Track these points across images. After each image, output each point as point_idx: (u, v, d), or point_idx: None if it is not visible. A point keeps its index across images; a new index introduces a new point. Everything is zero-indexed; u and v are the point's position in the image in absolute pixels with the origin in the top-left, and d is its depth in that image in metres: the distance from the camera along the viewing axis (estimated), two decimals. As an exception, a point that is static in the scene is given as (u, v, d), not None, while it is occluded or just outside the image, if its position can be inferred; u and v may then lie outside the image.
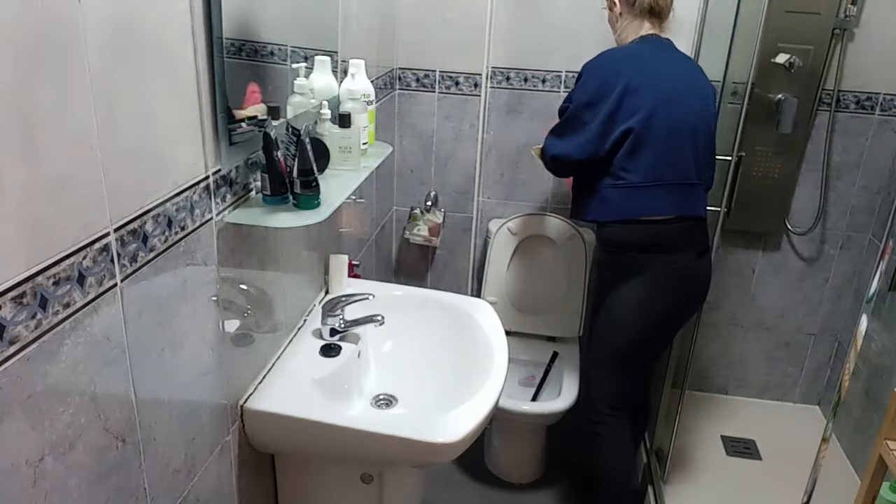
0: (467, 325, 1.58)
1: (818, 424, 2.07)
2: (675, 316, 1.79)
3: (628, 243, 1.70)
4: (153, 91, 0.87)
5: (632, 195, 1.65)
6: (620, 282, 1.73)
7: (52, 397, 0.74)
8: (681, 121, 1.64)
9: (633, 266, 1.70)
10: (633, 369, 1.83)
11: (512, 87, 2.27)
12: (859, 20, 2.11)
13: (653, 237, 1.68)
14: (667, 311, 1.75)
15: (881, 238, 2.26)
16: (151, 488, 0.96)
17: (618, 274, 1.74)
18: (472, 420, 1.22)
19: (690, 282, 1.75)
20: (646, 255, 1.69)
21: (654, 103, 1.60)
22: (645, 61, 1.68)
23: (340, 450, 1.27)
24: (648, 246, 1.68)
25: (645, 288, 1.70)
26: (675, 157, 1.65)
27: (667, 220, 1.66)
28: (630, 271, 1.71)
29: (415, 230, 2.31)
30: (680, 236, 1.69)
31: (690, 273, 1.73)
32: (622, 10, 1.76)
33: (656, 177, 1.63)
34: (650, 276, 1.70)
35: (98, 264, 0.79)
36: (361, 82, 1.46)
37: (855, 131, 2.24)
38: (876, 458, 1.43)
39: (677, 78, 1.68)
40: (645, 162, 1.62)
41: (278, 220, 1.14)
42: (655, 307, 1.73)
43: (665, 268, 1.69)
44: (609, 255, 1.76)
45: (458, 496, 2.17)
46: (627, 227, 1.69)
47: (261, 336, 1.32)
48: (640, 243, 1.69)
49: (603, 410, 1.81)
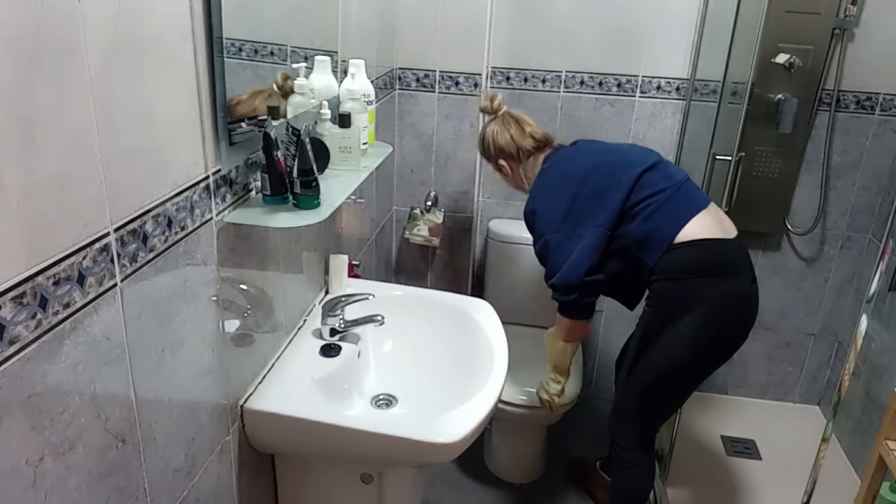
0: (467, 325, 1.58)
1: (818, 424, 2.07)
2: (731, 346, 1.64)
3: (685, 267, 1.55)
4: (153, 91, 0.87)
5: (663, 210, 1.58)
6: (675, 313, 1.57)
7: (52, 397, 0.74)
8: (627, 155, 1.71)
9: (691, 294, 1.55)
10: (674, 405, 1.78)
11: (512, 87, 2.27)
12: (859, 20, 2.11)
13: (713, 257, 1.56)
14: (724, 341, 1.61)
15: (881, 238, 2.26)
16: (151, 488, 0.96)
17: (674, 304, 1.58)
18: (472, 420, 1.22)
19: (748, 308, 1.61)
20: (707, 280, 1.55)
21: (604, 160, 1.67)
22: (570, 156, 1.75)
23: (340, 450, 1.27)
24: (709, 268, 1.56)
25: (704, 317, 1.55)
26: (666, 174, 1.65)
27: (723, 240, 1.56)
28: (687, 300, 1.56)
29: (415, 230, 2.31)
30: (738, 257, 1.59)
31: (750, 299, 1.60)
32: (513, 165, 1.80)
33: (670, 180, 1.62)
34: (710, 302, 1.54)
35: (98, 264, 0.79)
36: (361, 82, 1.46)
37: (855, 131, 2.24)
38: (876, 458, 1.43)
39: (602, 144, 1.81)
40: (651, 180, 1.61)
41: (278, 220, 1.14)
42: (713, 337, 1.58)
43: (725, 292, 1.55)
44: (665, 284, 1.58)
45: (458, 496, 2.17)
46: (680, 251, 1.55)
47: (261, 336, 1.32)
48: (700, 264, 1.56)
49: (634, 440, 1.73)
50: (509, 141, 1.77)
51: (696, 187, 1.70)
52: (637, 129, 2.28)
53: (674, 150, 2.29)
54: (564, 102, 2.27)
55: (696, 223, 1.56)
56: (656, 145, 2.29)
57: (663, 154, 1.74)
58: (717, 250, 1.56)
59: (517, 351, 2.21)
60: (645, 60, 2.19)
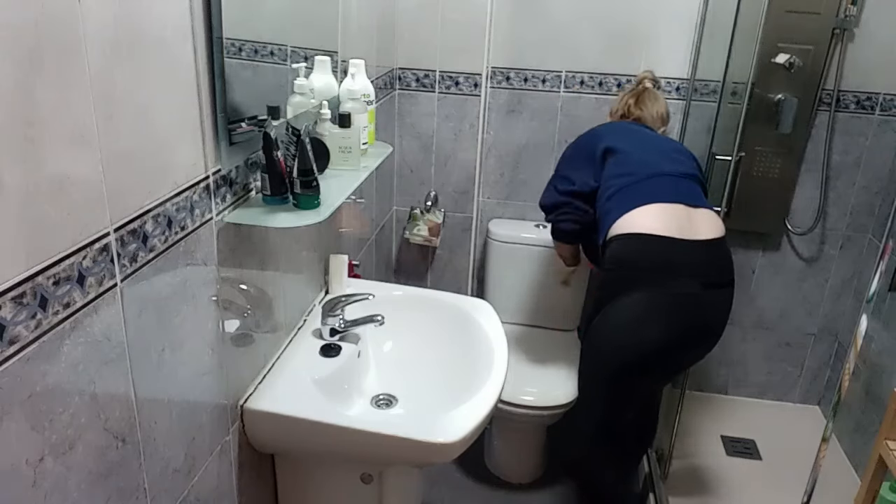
0: (467, 325, 1.58)
1: (818, 424, 2.07)
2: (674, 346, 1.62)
3: (628, 260, 1.58)
4: (153, 91, 0.87)
5: (628, 192, 1.62)
6: (620, 293, 1.61)
7: (52, 397, 0.74)
8: (648, 140, 1.80)
9: (636, 281, 1.58)
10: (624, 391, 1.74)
11: (512, 87, 2.27)
12: (859, 20, 2.11)
13: (656, 255, 1.56)
14: (660, 336, 1.59)
15: (881, 238, 2.26)
16: (151, 488, 0.96)
17: (612, 289, 1.63)
18: (472, 420, 1.22)
19: (686, 313, 1.59)
20: (649, 275, 1.57)
21: (627, 141, 1.77)
22: (609, 130, 1.86)
23: (340, 450, 1.27)
24: (652, 265, 1.57)
25: (641, 307, 1.58)
26: (658, 155, 1.71)
27: (669, 238, 1.55)
28: (631, 287, 1.59)
29: (415, 230, 2.31)
30: (687, 258, 1.57)
31: (691, 303, 1.58)
32: None
33: (648, 168, 1.65)
34: (646, 296, 1.57)
35: (98, 264, 0.79)
36: (361, 82, 1.46)
37: (855, 131, 2.24)
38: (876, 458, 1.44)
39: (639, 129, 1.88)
40: (631, 160, 1.67)
41: (278, 220, 1.14)
42: (649, 329, 1.58)
43: (660, 291, 1.57)
44: (607, 272, 1.64)
45: (458, 496, 2.17)
46: (629, 241, 1.58)
47: (261, 336, 1.32)
48: (633, 259, 1.58)
49: (593, 428, 1.77)
50: (618, 103, 1.98)
51: (683, 186, 1.66)
52: (637, 129, 2.28)
53: (674, 150, 2.29)
54: (564, 102, 2.27)
55: (646, 215, 1.58)
56: (656, 145, 2.29)
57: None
58: (655, 247, 1.56)
59: (517, 351, 2.23)
60: (645, 60, 2.19)
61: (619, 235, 1.59)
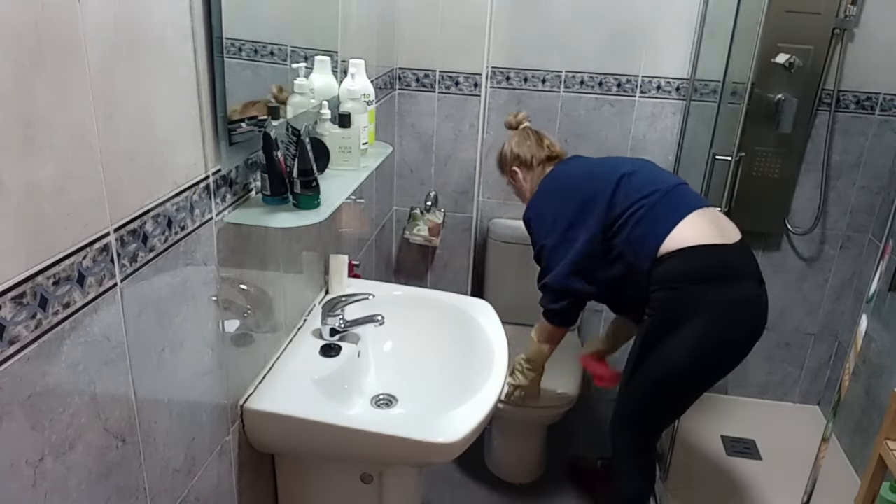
0: (467, 325, 1.58)
1: (818, 424, 2.07)
2: (738, 352, 1.64)
3: (681, 275, 1.54)
4: (153, 91, 0.87)
5: (661, 209, 1.59)
6: (675, 322, 1.56)
7: (52, 397, 0.74)
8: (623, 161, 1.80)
9: (689, 302, 1.54)
10: (674, 413, 1.78)
11: (512, 87, 2.28)
12: (859, 20, 2.11)
13: (718, 264, 1.54)
14: (729, 347, 1.60)
15: (881, 238, 2.26)
16: (151, 488, 0.96)
17: (672, 313, 1.57)
18: (472, 420, 1.22)
19: (754, 313, 1.60)
20: (705, 287, 1.54)
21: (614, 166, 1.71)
22: (565, 167, 1.83)
23: (340, 450, 1.27)
24: (718, 274, 1.55)
25: (706, 325, 1.54)
26: (649, 170, 1.71)
27: (720, 245, 1.54)
28: (685, 308, 1.54)
29: (415, 230, 2.31)
30: (740, 261, 1.57)
31: (756, 303, 1.59)
32: (524, 173, 1.88)
33: (661, 182, 1.64)
34: (711, 309, 1.54)
35: (98, 264, 0.79)
36: (361, 82, 1.46)
37: (855, 131, 2.24)
38: (876, 458, 1.44)
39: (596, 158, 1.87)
40: (641, 179, 1.65)
41: (278, 220, 1.13)
42: (716, 344, 1.57)
43: (727, 299, 1.54)
44: (662, 294, 1.57)
45: (458, 496, 2.17)
46: (686, 256, 1.53)
47: (261, 336, 1.32)
48: (697, 272, 1.54)
49: (634, 446, 1.74)
50: (526, 148, 1.88)
51: (692, 192, 1.68)
52: (637, 129, 2.28)
53: (674, 150, 2.29)
54: (564, 102, 2.27)
55: (688, 227, 1.55)
56: (656, 145, 2.30)
57: (663, 154, 1.74)
58: (713, 256, 1.55)
59: (517, 351, 2.23)
60: (645, 60, 2.19)
61: (672, 252, 1.54)
